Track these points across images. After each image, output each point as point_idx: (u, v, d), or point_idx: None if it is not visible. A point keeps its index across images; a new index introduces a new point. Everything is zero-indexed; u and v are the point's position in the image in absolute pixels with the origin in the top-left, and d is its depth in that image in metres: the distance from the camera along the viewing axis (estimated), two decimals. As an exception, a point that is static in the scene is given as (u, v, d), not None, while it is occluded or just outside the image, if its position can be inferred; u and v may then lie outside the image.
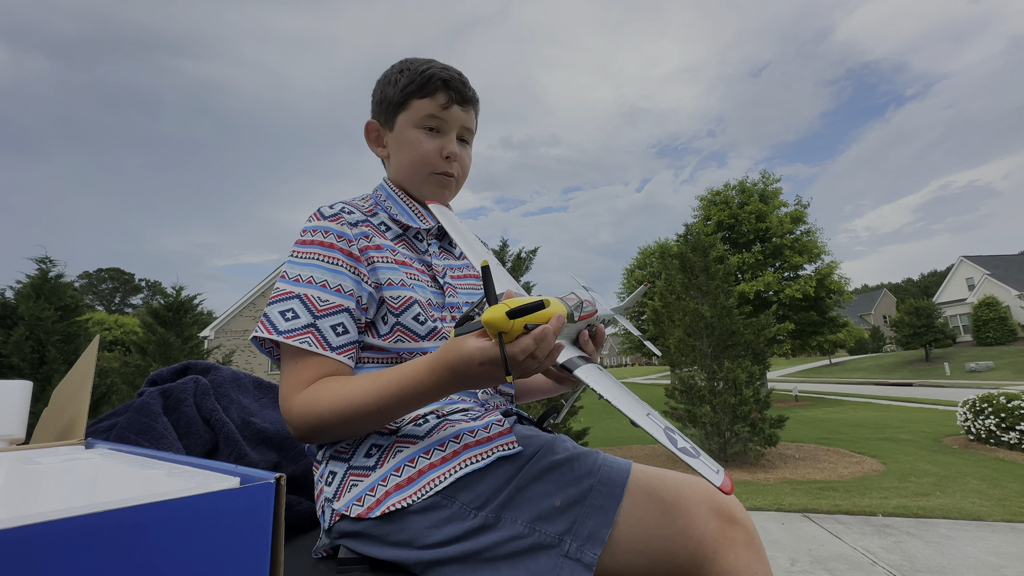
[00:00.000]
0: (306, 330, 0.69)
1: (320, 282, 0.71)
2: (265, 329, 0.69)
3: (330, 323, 0.70)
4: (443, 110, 0.82)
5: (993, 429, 6.02)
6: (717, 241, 7.52)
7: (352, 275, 0.73)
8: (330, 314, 0.70)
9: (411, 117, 0.83)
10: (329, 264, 0.72)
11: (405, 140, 0.84)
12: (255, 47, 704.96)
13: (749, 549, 0.59)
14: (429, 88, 0.81)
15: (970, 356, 23.50)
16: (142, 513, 0.29)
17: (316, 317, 0.70)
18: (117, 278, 61.66)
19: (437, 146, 0.84)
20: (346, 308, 0.71)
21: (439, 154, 0.84)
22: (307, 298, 0.70)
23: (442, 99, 0.82)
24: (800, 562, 2.64)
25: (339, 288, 0.72)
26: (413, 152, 0.83)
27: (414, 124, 0.83)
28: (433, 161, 0.84)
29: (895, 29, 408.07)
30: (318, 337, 0.69)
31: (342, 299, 0.71)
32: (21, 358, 4.46)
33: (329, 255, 0.73)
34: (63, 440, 0.68)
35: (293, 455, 0.98)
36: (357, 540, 0.67)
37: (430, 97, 0.82)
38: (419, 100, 0.82)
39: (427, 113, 0.82)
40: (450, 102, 0.82)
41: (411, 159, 0.84)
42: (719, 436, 5.74)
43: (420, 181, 0.85)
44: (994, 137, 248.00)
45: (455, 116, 0.84)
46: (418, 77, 0.81)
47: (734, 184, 19.94)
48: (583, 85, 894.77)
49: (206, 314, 6.94)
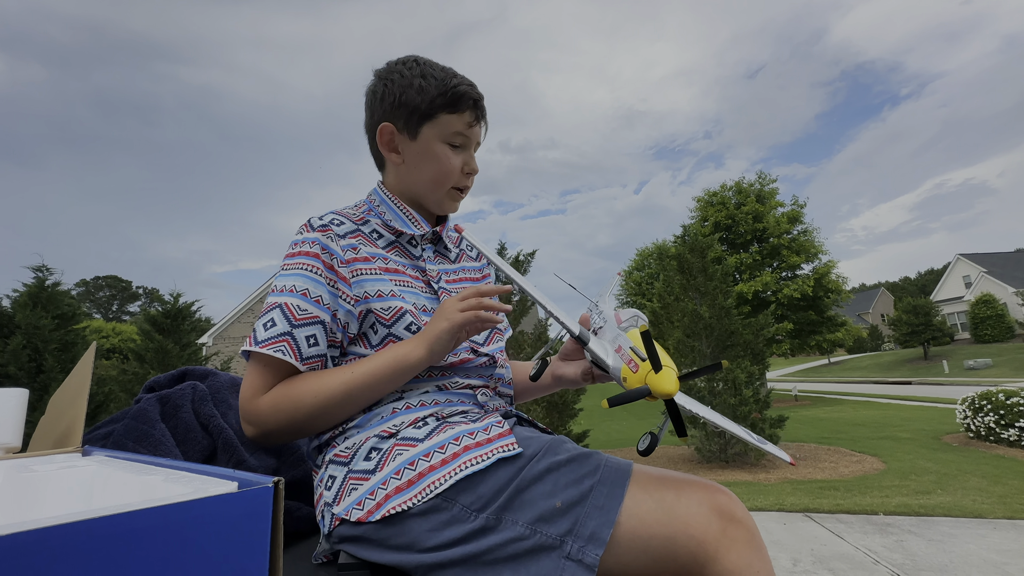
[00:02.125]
0: (282, 338, 0.71)
1: (301, 291, 0.72)
2: (249, 341, 0.72)
3: (305, 333, 0.72)
4: (469, 128, 0.84)
5: (992, 426, 6.02)
6: (715, 242, 7.54)
7: (330, 288, 0.74)
8: (306, 324, 0.72)
9: (439, 131, 0.83)
10: (311, 272, 0.74)
11: (431, 154, 0.83)
12: (252, 53, 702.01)
13: (750, 548, 0.59)
14: (461, 105, 0.82)
15: (968, 354, 23.55)
16: (139, 519, 0.29)
17: (293, 326, 0.71)
18: (114, 286, 61.48)
19: (461, 162, 0.85)
20: (321, 320, 0.73)
21: (461, 170, 0.86)
22: (287, 307, 0.72)
23: (470, 117, 0.84)
24: (802, 562, 2.64)
25: (319, 299, 0.73)
26: (439, 167, 0.84)
27: (441, 139, 0.83)
28: (456, 177, 0.85)
29: (889, 30, 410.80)
30: (292, 346, 0.71)
31: (319, 310, 0.73)
32: (18, 367, 4.44)
33: (312, 264, 0.74)
34: (60, 448, 0.68)
35: (292, 460, 0.98)
36: (357, 544, 0.66)
37: (459, 113, 0.83)
38: (448, 115, 0.82)
39: (455, 130, 0.83)
40: (476, 120, 0.85)
41: (436, 174, 0.84)
42: (719, 437, 5.73)
43: (440, 195, 0.86)
44: (989, 135, 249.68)
45: (476, 133, 0.86)
46: (450, 92, 0.81)
47: (731, 185, 20.01)
48: (580, 88, 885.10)
49: (204, 321, 6.93)
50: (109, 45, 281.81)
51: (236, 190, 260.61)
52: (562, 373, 0.92)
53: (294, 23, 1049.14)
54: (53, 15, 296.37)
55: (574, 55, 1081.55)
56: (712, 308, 6.16)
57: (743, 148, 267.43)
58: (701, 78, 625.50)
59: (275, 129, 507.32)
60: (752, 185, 19.74)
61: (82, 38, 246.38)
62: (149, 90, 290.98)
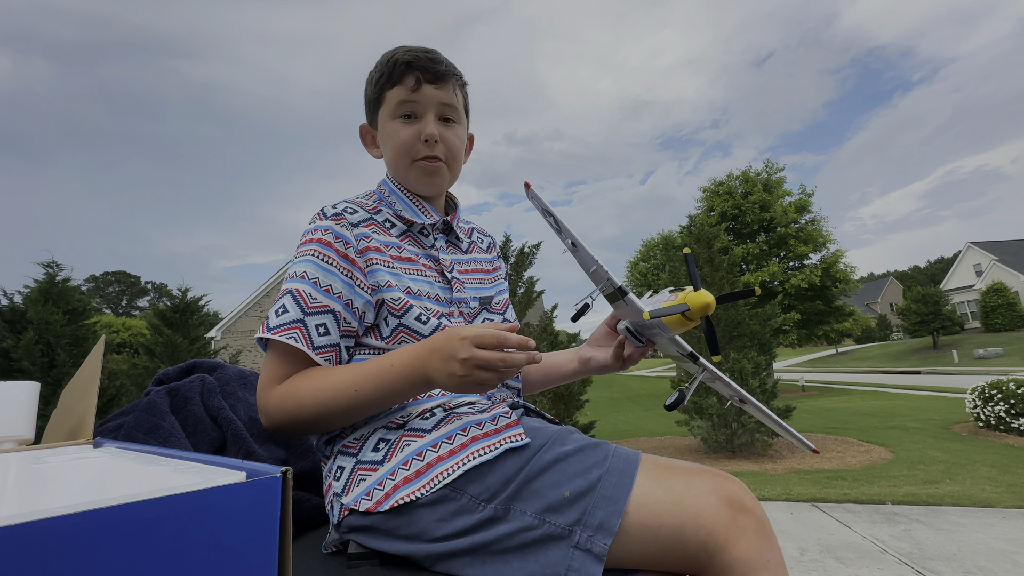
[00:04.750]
0: (294, 325, 0.70)
1: (312, 279, 0.72)
2: (262, 328, 0.71)
3: (316, 322, 0.71)
4: (413, 92, 0.80)
5: (1003, 415, 5.97)
6: (721, 232, 7.48)
7: (344, 277, 0.73)
8: (317, 313, 0.71)
9: (387, 109, 0.82)
10: (323, 262, 0.73)
11: (386, 134, 0.83)
12: (256, 47, 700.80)
13: (760, 537, 0.59)
14: (396, 74, 0.80)
15: (978, 343, 23.32)
16: (149, 508, 0.29)
17: (305, 313, 0.70)
18: (123, 281, 62.11)
19: (414, 132, 0.81)
20: (332, 310, 0.72)
21: (418, 139, 0.81)
22: (299, 293, 0.71)
23: (410, 82, 0.80)
24: (810, 551, 2.64)
25: (328, 288, 0.72)
26: (393, 144, 0.82)
27: (391, 116, 0.82)
28: (413, 148, 0.81)
29: (901, 14, 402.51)
30: (304, 334, 0.70)
31: (329, 299, 0.72)
32: (31, 362, 4.50)
33: (324, 253, 0.73)
34: (72, 440, 0.68)
35: (301, 452, 0.99)
36: (366, 534, 0.67)
37: (400, 84, 0.80)
38: (391, 90, 0.81)
39: (398, 100, 0.80)
40: (419, 83, 0.80)
41: (393, 152, 0.82)
42: (726, 427, 5.73)
43: (406, 172, 0.83)
44: (1002, 121, 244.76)
45: (428, 96, 0.81)
46: (385, 67, 0.80)
47: (737, 174, 19.80)
48: (586, 78, 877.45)
49: (212, 315, 6.98)
50: (113, 41, 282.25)
51: (242, 185, 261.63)
52: (591, 356, 0.94)
53: (297, 16, 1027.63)
54: (57, 11, 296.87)
55: (579, 44, 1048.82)
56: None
57: (751, 137, 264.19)
58: (708, 66, 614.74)
59: (280, 123, 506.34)
60: (759, 174, 19.53)
61: (86, 34, 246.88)
62: (154, 85, 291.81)
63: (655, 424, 8.93)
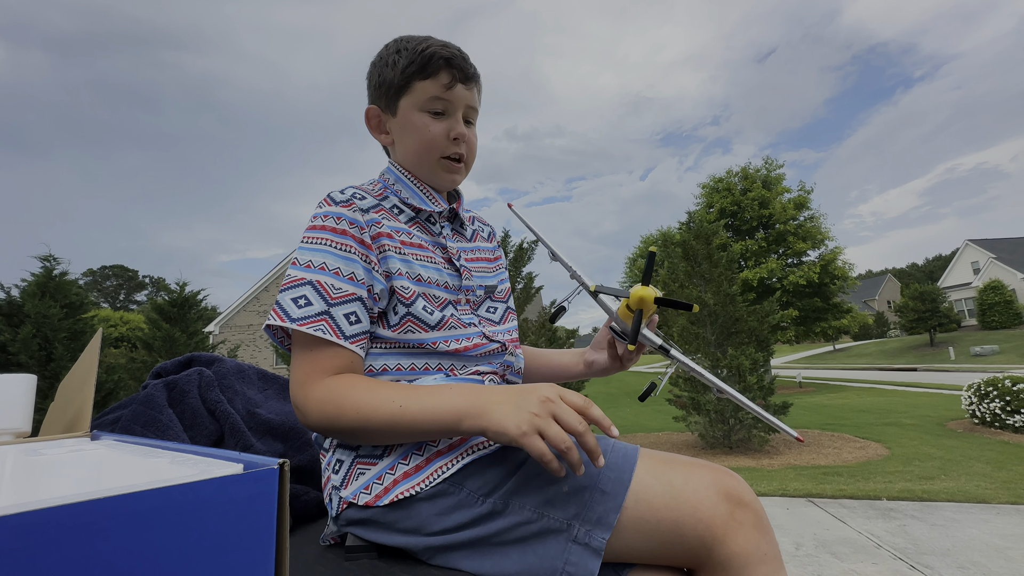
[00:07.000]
0: (320, 317, 0.67)
1: (333, 269, 0.69)
2: (278, 317, 0.67)
3: (343, 311, 0.68)
4: (447, 90, 0.79)
5: (998, 412, 6.00)
6: (720, 228, 7.46)
7: (364, 263, 0.71)
8: (344, 302, 0.69)
9: (415, 100, 0.80)
10: (341, 251, 0.71)
11: (411, 125, 0.81)
12: (254, 40, 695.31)
13: (758, 531, 0.59)
14: (431, 68, 0.78)
15: (975, 340, 23.41)
16: (145, 499, 0.29)
17: (330, 304, 0.68)
18: (121, 275, 61.93)
19: (444, 129, 0.80)
20: (359, 297, 0.70)
21: (447, 137, 0.81)
22: (320, 285, 0.68)
23: (445, 79, 0.79)
24: (805, 546, 2.66)
25: (352, 276, 0.70)
26: (420, 137, 0.80)
27: (418, 107, 0.80)
28: (441, 145, 0.81)
29: (903, 10, 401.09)
30: (332, 325, 0.67)
31: (355, 287, 0.70)
32: (29, 355, 4.50)
33: (341, 242, 0.71)
34: (69, 432, 0.68)
35: (299, 445, 0.99)
36: (365, 527, 0.67)
37: (433, 78, 0.78)
38: (421, 82, 0.79)
39: (431, 95, 0.79)
40: (454, 81, 0.79)
41: (418, 145, 0.81)
42: (723, 423, 5.75)
43: (430, 167, 0.82)
44: (1003, 118, 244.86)
45: (459, 96, 0.80)
46: (418, 57, 0.78)
47: (737, 171, 19.78)
48: (587, 73, 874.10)
49: (211, 309, 6.96)
50: (110, 33, 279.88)
51: (241, 178, 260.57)
52: (594, 359, 0.97)
53: (297, 9, 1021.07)
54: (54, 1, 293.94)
55: (581, 39, 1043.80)
56: (717, 295, 6.13)
57: (751, 133, 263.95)
58: (710, 62, 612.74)
59: (279, 116, 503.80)
60: (758, 171, 19.52)
61: (84, 25, 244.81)
62: (152, 78, 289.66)
63: (653, 420, 8.96)
